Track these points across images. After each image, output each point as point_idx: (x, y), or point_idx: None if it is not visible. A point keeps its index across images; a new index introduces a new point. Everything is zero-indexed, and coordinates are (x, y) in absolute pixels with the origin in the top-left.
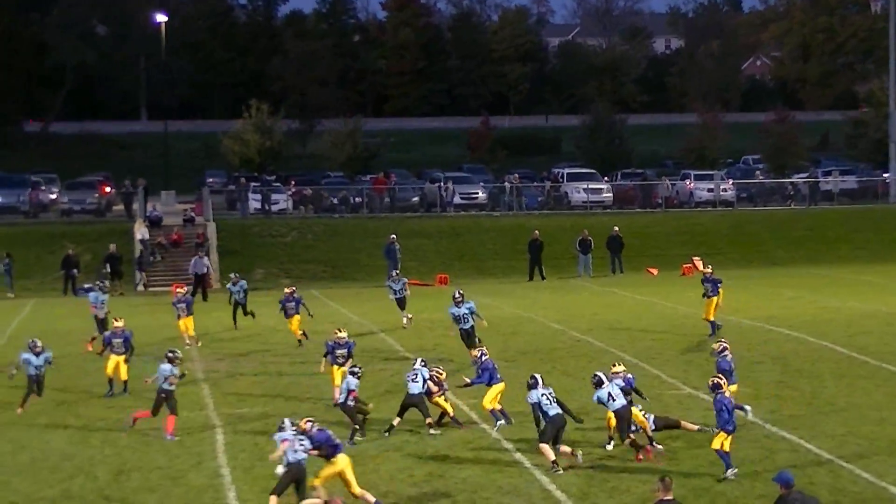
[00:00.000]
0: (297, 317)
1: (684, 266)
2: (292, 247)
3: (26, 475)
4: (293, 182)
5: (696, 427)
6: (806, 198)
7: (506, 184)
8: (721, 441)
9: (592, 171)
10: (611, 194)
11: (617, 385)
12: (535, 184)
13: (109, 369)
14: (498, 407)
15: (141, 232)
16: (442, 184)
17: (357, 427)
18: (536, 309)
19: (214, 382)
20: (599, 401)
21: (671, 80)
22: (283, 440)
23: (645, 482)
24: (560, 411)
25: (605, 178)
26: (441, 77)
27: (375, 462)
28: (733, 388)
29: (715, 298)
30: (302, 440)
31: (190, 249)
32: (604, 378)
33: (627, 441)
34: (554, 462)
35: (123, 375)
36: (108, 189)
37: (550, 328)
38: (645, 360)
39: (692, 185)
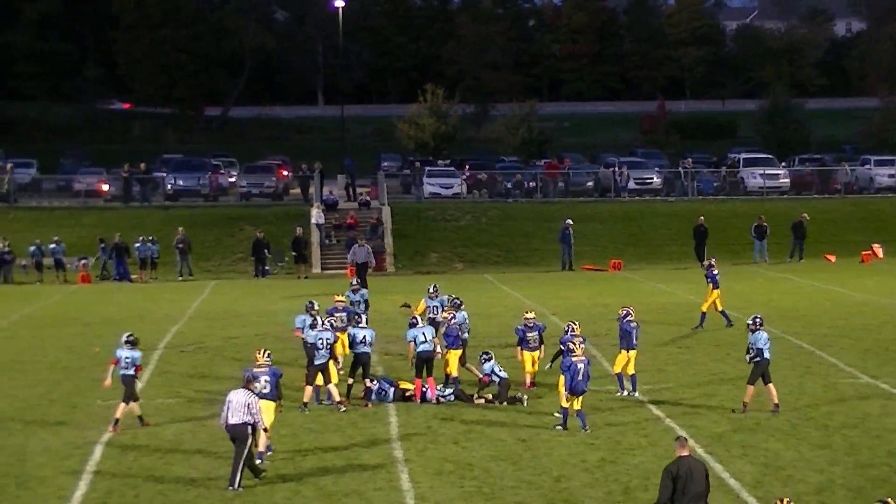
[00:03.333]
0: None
1: (863, 253)
2: (466, 231)
3: (205, 454)
4: (467, 166)
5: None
6: None
7: (681, 168)
8: (569, 400)
9: (769, 155)
10: (788, 180)
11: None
12: (711, 169)
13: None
14: (455, 375)
15: (316, 216)
16: (616, 168)
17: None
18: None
19: (389, 364)
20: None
21: (851, 63)
22: None
23: (821, 471)
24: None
25: (783, 164)
26: (615, 61)
27: (548, 446)
28: (632, 353)
29: (716, 291)
30: None
31: (365, 233)
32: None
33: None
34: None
35: (345, 350)
36: (285, 173)
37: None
38: (822, 349)
39: (872, 170)
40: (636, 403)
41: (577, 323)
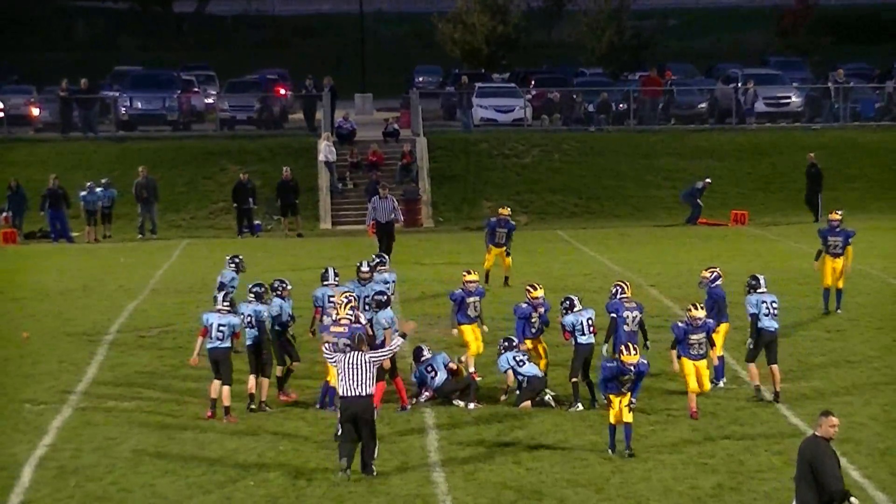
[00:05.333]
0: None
1: None
2: (533, 171)
3: (173, 477)
4: (534, 82)
5: None
6: None
7: (830, 84)
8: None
9: None
10: None
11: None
12: (872, 84)
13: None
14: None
15: (325, 150)
16: (740, 84)
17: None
18: (872, 259)
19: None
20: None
21: None
22: None
23: None
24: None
25: None
26: None
27: (644, 467)
28: (724, 327)
29: (841, 260)
30: None
31: (392, 175)
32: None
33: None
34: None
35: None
36: (283, 91)
37: (890, 286)
38: None
39: None
40: (766, 408)
41: (627, 284)
